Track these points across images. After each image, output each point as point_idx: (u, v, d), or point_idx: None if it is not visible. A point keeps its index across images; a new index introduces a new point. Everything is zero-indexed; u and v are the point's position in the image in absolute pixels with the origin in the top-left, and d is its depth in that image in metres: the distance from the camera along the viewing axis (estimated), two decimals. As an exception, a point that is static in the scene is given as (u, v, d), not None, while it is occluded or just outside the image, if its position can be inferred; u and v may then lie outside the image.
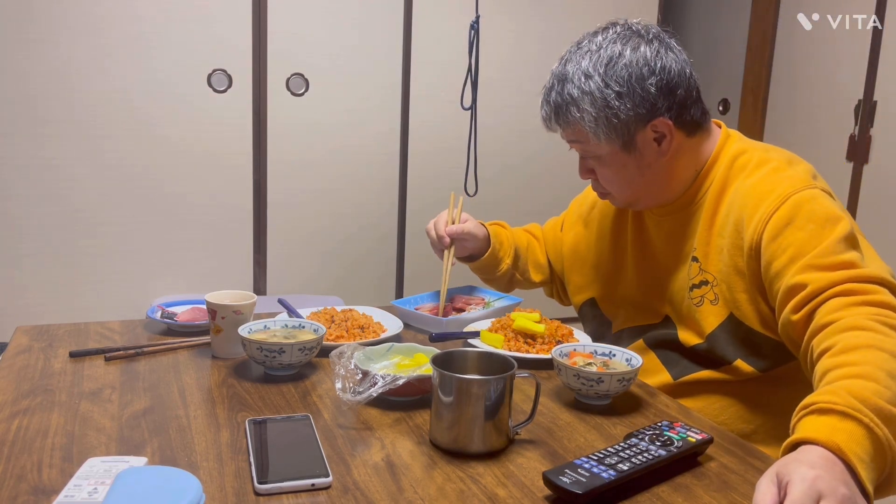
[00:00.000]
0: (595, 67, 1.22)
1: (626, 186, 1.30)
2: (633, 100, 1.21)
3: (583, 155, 1.31)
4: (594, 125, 1.22)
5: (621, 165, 1.27)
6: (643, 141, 1.24)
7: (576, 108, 1.23)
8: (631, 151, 1.25)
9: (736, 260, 1.22)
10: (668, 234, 1.34)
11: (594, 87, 1.21)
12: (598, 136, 1.23)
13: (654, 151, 1.26)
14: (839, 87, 2.97)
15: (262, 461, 0.90)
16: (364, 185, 2.99)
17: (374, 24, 2.89)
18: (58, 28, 2.51)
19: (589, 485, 0.84)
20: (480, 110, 2.63)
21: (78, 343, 1.31)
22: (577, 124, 1.24)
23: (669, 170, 1.29)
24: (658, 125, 1.23)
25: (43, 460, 0.91)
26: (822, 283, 1.08)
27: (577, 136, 1.27)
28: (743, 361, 1.24)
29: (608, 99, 1.21)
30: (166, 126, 2.69)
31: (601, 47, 1.24)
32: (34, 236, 2.61)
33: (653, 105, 1.22)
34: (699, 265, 1.28)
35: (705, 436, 0.98)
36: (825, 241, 1.12)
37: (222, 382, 1.16)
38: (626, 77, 1.21)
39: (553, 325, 1.34)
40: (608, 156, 1.27)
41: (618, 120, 1.21)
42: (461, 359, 1.04)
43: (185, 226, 2.78)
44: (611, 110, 1.21)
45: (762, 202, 1.19)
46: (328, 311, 1.39)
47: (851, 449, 0.83)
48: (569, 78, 1.24)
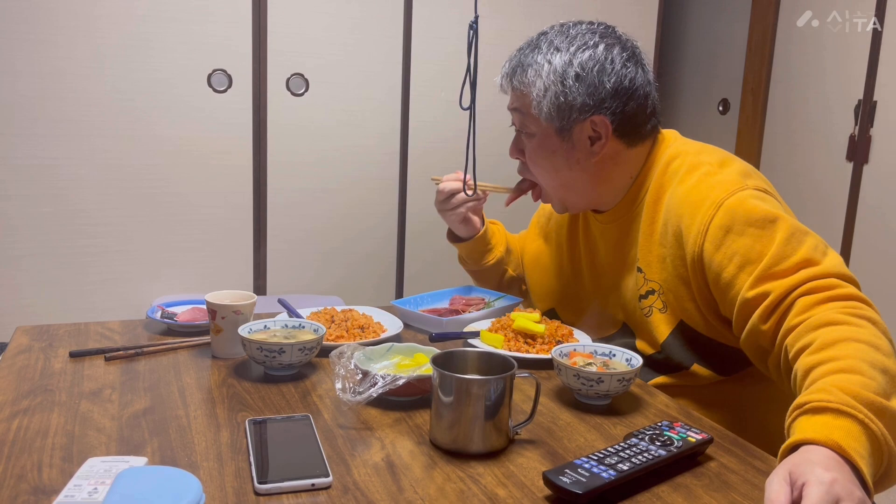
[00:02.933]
0: (566, 46, 1.25)
1: (551, 175, 1.31)
2: (587, 88, 1.23)
3: (519, 128, 1.32)
4: (542, 95, 1.24)
5: (551, 150, 1.28)
6: (579, 134, 1.26)
7: (532, 72, 1.25)
8: (564, 139, 1.27)
9: (679, 270, 1.22)
10: (613, 242, 1.34)
11: (557, 62, 1.24)
12: (540, 109, 1.25)
13: (585, 149, 1.27)
14: (839, 87, 2.97)
15: (262, 461, 0.90)
16: (364, 185, 2.99)
17: (374, 24, 2.89)
18: (57, 28, 2.51)
19: (589, 485, 0.84)
20: (480, 110, 2.63)
21: (78, 343, 1.31)
22: (526, 89, 1.26)
23: (599, 173, 1.29)
24: (598, 123, 1.25)
25: (43, 460, 0.91)
26: (784, 288, 1.08)
27: (520, 103, 1.29)
28: (699, 366, 1.24)
29: (566, 76, 1.23)
30: (166, 126, 2.69)
31: (579, 33, 1.28)
32: (34, 236, 2.61)
33: (601, 101, 1.24)
34: (644, 275, 1.27)
35: (705, 436, 0.98)
36: (772, 245, 1.11)
37: (222, 382, 1.16)
38: (591, 65, 1.24)
39: (553, 325, 1.34)
40: (541, 135, 1.28)
41: (565, 99, 1.24)
42: (461, 359, 1.04)
43: (185, 226, 2.78)
44: (563, 87, 1.23)
45: (697, 211, 1.18)
46: (328, 311, 1.39)
47: (851, 446, 0.83)
48: (538, 47, 1.28)
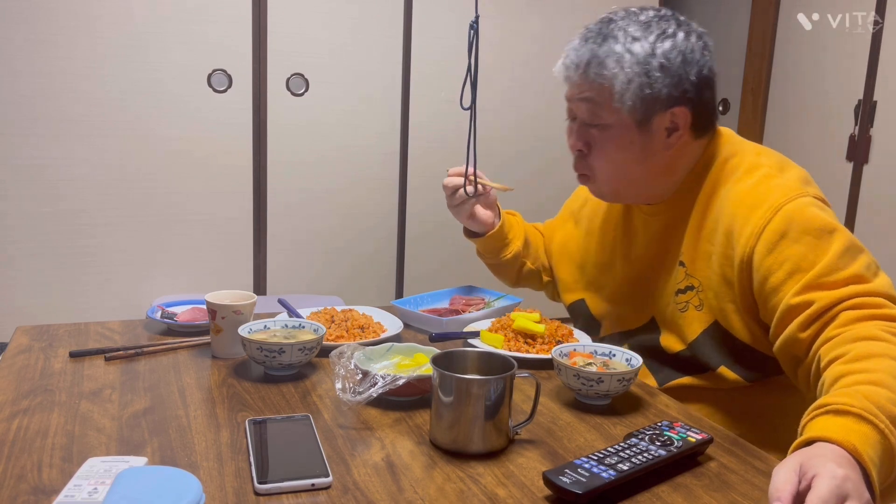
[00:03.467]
0: (644, 34, 1.19)
1: (619, 169, 1.26)
2: (672, 79, 1.19)
3: (588, 121, 1.24)
4: (625, 87, 1.18)
5: (627, 142, 1.22)
6: (658, 125, 1.21)
7: (614, 63, 1.18)
8: (643, 130, 1.21)
9: (725, 269, 1.19)
10: (655, 234, 1.32)
11: (640, 51, 1.18)
12: (623, 101, 1.19)
13: (661, 141, 1.23)
14: (839, 87, 2.97)
15: (262, 461, 0.90)
16: (364, 185, 2.99)
17: (374, 24, 2.89)
18: (57, 28, 2.51)
19: (589, 485, 0.84)
20: (480, 110, 2.63)
21: (78, 343, 1.31)
22: (607, 81, 1.19)
23: (665, 166, 1.26)
24: (678, 114, 1.21)
25: (43, 460, 0.91)
26: (830, 300, 1.06)
27: (598, 94, 1.21)
28: (727, 369, 1.22)
29: (650, 67, 1.18)
30: (166, 126, 2.69)
31: (651, 21, 1.21)
32: (34, 236, 2.61)
33: (684, 91, 1.20)
34: (685, 270, 1.25)
35: (705, 436, 0.98)
36: (825, 256, 1.09)
37: (222, 382, 1.16)
38: (674, 55, 1.19)
39: (553, 325, 1.34)
40: (618, 127, 1.22)
41: (650, 91, 1.18)
42: (461, 359, 1.04)
43: (185, 226, 2.78)
44: (647, 79, 1.18)
45: (753, 213, 1.16)
46: (328, 311, 1.39)
47: (867, 452, 0.82)
48: (612, 35, 1.20)
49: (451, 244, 3.15)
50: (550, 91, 3.21)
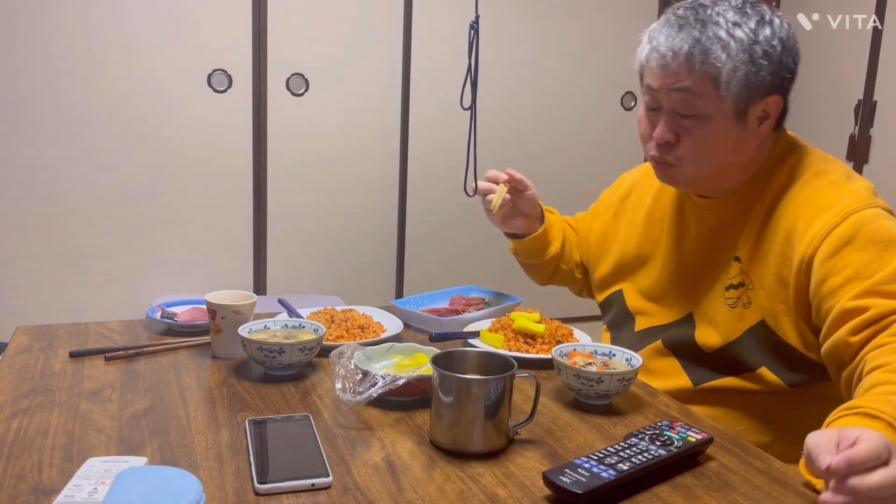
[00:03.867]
0: (743, 20, 1.14)
1: (711, 159, 1.20)
2: (773, 66, 1.15)
3: (682, 111, 1.18)
4: (731, 74, 1.13)
5: (724, 132, 1.18)
6: (753, 115, 1.18)
7: (720, 50, 1.13)
8: (740, 120, 1.17)
9: (781, 269, 1.17)
10: (711, 228, 1.28)
11: (743, 37, 1.13)
12: (728, 89, 1.14)
13: (753, 130, 1.19)
14: (839, 87, 2.97)
15: (262, 461, 0.90)
16: (364, 185, 2.99)
17: (374, 24, 2.89)
18: (57, 28, 2.51)
19: (589, 485, 0.84)
20: (480, 110, 2.63)
21: (78, 343, 1.31)
22: (712, 69, 1.13)
23: (749, 158, 1.23)
24: (771, 103, 1.18)
25: (43, 460, 0.91)
26: (886, 308, 1.05)
27: (699, 84, 1.15)
28: (767, 370, 1.20)
29: (755, 53, 1.13)
30: (166, 126, 2.69)
31: (744, 5, 1.16)
32: (34, 236, 2.61)
33: (782, 81, 1.17)
34: (741, 266, 1.22)
35: (705, 436, 0.98)
36: (888, 266, 1.07)
37: (222, 382, 1.16)
38: (776, 42, 1.15)
39: (553, 325, 1.34)
40: (717, 117, 1.17)
41: (756, 79, 1.14)
42: (461, 359, 1.04)
43: (185, 226, 2.78)
44: (753, 66, 1.14)
45: (820, 216, 1.13)
46: (328, 311, 1.39)
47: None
48: (711, 20, 1.14)
49: (451, 244, 3.15)
50: (550, 91, 3.21)
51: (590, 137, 3.33)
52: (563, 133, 3.28)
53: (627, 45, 3.67)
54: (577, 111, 3.29)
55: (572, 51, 3.21)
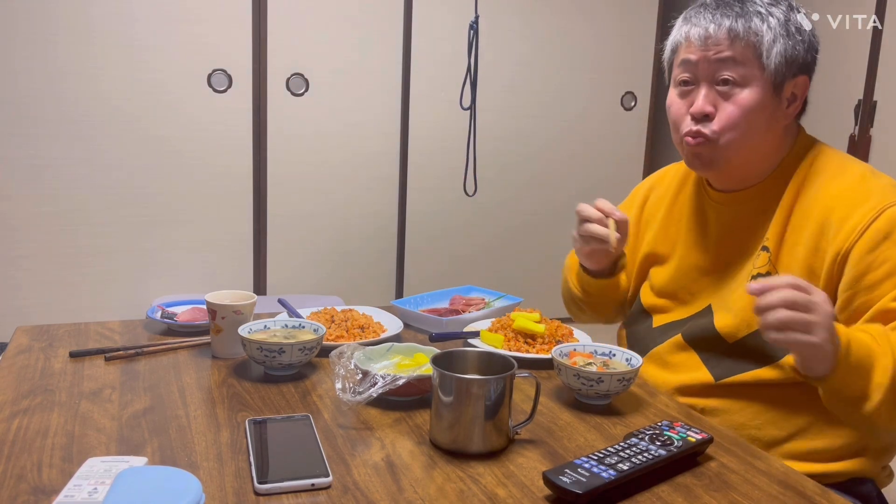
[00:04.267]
0: (776, 4, 1.22)
1: (746, 133, 1.22)
2: (806, 45, 1.22)
3: (725, 76, 1.22)
4: (772, 44, 1.19)
5: (761, 105, 1.21)
6: (786, 92, 1.23)
7: (760, 22, 1.20)
8: (777, 94, 1.22)
9: (812, 261, 1.18)
10: (730, 221, 1.30)
11: (780, 14, 1.21)
12: (770, 57, 1.20)
13: (783, 110, 1.24)
14: (839, 87, 2.97)
15: (262, 461, 0.90)
16: (364, 185, 3.00)
17: (374, 25, 2.89)
18: (57, 28, 2.51)
19: (589, 485, 0.84)
20: (480, 110, 2.64)
21: (78, 343, 1.31)
22: (755, 37, 1.20)
23: (775, 144, 1.26)
24: (800, 84, 1.24)
25: (43, 460, 0.91)
26: None
27: (741, 53, 1.20)
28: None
29: (790, 28, 1.21)
30: (166, 126, 2.69)
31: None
32: (34, 236, 2.61)
33: (812, 60, 1.24)
34: (769, 255, 1.24)
35: (705, 435, 0.98)
36: None
37: (222, 382, 1.16)
38: (805, 26, 1.22)
39: (553, 325, 1.34)
40: (757, 87, 1.21)
41: (793, 52, 1.21)
42: (461, 359, 1.04)
43: (185, 226, 2.78)
44: (790, 40, 1.20)
45: (856, 210, 1.15)
46: (328, 311, 1.39)
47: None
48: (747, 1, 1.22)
49: (451, 244, 3.15)
50: (550, 91, 3.21)
51: (589, 137, 3.33)
52: (562, 133, 3.28)
53: (628, 45, 3.70)
54: (577, 111, 3.29)
55: (572, 51, 3.21)
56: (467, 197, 2.59)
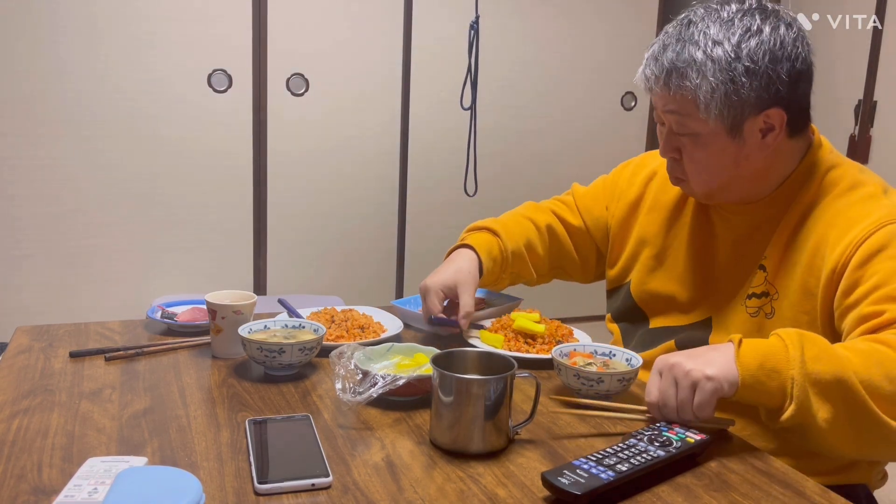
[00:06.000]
0: (727, 36, 1.11)
1: (713, 175, 1.19)
2: (761, 81, 1.11)
3: (677, 130, 1.18)
4: (709, 97, 1.11)
5: (719, 150, 1.16)
6: (750, 129, 1.14)
7: (695, 73, 1.11)
8: (735, 137, 1.15)
9: (808, 280, 1.15)
10: (737, 233, 1.25)
11: (722, 56, 1.10)
12: (709, 112, 1.12)
13: (756, 143, 1.16)
14: (839, 87, 2.97)
15: (262, 461, 0.90)
16: (364, 185, 3.00)
17: (374, 25, 2.89)
18: (57, 28, 2.51)
19: (587, 486, 0.84)
20: (480, 110, 2.64)
21: (78, 343, 1.31)
22: (690, 92, 1.12)
23: (762, 168, 1.19)
24: (772, 115, 1.14)
25: (43, 460, 0.91)
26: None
27: (682, 106, 1.15)
28: None
29: (735, 72, 1.10)
30: (166, 126, 2.69)
31: (734, 16, 1.13)
32: (35, 236, 2.61)
33: (776, 92, 1.12)
34: (766, 275, 1.20)
35: (704, 437, 0.98)
36: None
37: (222, 382, 1.17)
38: (761, 55, 1.11)
39: (553, 325, 1.34)
40: (708, 136, 1.15)
41: (737, 98, 1.11)
42: (461, 359, 1.04)
43: (185, 226, 2.78)
44: (733, 85, 1.10)
45: (853, 227, 1.11)
46: (328, 311, 1.39)
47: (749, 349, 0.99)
48: (693, 40, 1.12)
49: (451, 244, 3.15)
50: (550, 91, 3.22)
51: (590, 137, 3.33)
52: (562, 133, 3.28)
53: (627, 45, 3.70)
54: (578, 111, 3.29)
55: (572, 51, 3.21)
56: (467, 197, 2.59)
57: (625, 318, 1.41)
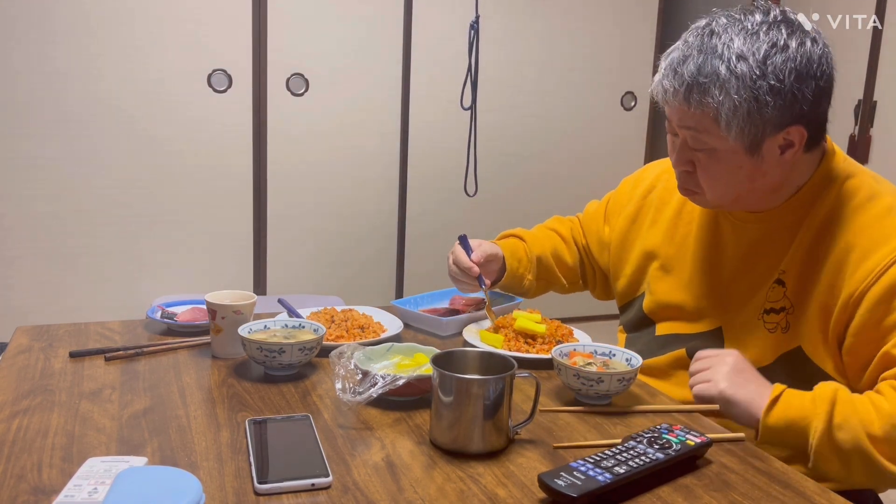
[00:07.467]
0: (751, 50, 1.05)
1: (727, 189, 1.15)
2: (785, 100, 1.06)
3: (692, 145, 1.13)
4: (731, 115, 1.06)
5: (736, 166, 1.12)
6: (769, 147, 1.10)
7: (717, 90, 1.05)
8: (753, 154, 1.10)
9: (825, 297, 1.12)
10: (750, 243, 1.22)
11: (746, 72, 1.05)
12: (729, 129, 1.07)
13: (774, 160, 1.12)
14: (839, 87, 2.96)
15: (262, 461, 0.90)
16: (364, 185, 3.00)
17: (375, 25, 2.89)
18: (57, 28, 2.51)
19: (584, 488, 0.84)
20: (480, 110, 2.64)
21: (78, 343, 1.31)
22: (711, 109, 1.07)
23: (777, 182, 1.16)
24: (792, 133, 1.10)
25: (43, 460, 0.91)
26: None
27: (700, 122, 1.10)
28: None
29: (759, 90, 1.05)
30: (166, 126, 2.69)
31: (759, 28, 1.07)
32: (34, 236, 2.61)
33: (800, 111, 1.08)
34: (784, 290, 1.17)
35: (704, 439, 0.97)
36: None
37: (222, 382, 1.17)
38: (787, 72, 1.06)
39: (553, 325, 1.34)
40: (725, 152, 1.11)
41: (760, 116, 1.06)
42: (461, 359, 1.04)
43: (185, 226, 2.78)
44: (756, 103, 1.05)
45: (876, 251, 1.09)
46: (328, 311, 1.39)
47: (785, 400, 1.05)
48: (716, 52, 1.06)
49: (451, 244, 3.14)
50: (551, 91, 3.21)
51: (590, 137, 3.33)
52: (562, 133, 3.28)
53: (628, 45, 3.70)
54: (577, 111, 3.29)
55: (572, 51, 3.21)
56: (467, 197, 2.59)
57: (632, 329, 1.40)
